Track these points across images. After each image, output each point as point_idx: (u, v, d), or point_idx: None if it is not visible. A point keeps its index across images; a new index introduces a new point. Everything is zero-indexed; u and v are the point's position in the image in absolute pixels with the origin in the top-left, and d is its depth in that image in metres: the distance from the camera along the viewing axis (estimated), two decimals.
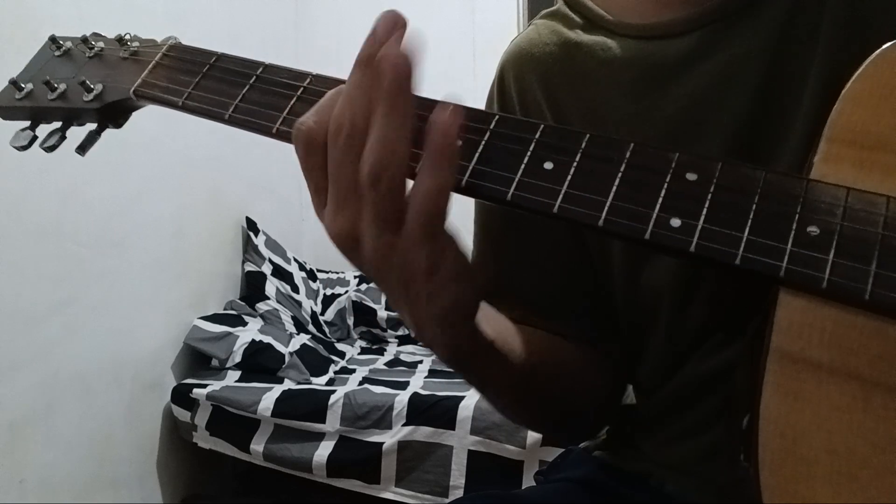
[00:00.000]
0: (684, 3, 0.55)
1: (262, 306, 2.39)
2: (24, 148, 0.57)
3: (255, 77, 0.49)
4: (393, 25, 0.39)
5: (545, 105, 0.60)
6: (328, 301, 2.77)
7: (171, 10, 2.11)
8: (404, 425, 1.89)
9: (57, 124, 0.58)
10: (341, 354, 2.46)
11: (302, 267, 2.74)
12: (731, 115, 0.53)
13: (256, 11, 2.59)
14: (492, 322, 0.49)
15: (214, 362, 2.18)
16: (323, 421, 1.94)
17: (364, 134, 0.38)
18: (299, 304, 2.54)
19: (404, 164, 0.38)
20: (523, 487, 1.46)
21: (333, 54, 2.42)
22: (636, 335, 0.61)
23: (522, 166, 0.39)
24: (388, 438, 1.89)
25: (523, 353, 0.53)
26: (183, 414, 2.05)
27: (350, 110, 0.39)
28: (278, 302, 2.44)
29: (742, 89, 0.52)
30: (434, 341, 0.44)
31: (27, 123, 0.58)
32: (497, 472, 1.82)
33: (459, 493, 1.82)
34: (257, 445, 1.96)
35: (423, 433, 1.88)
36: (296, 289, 2.58)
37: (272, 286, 2.47)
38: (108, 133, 0.58)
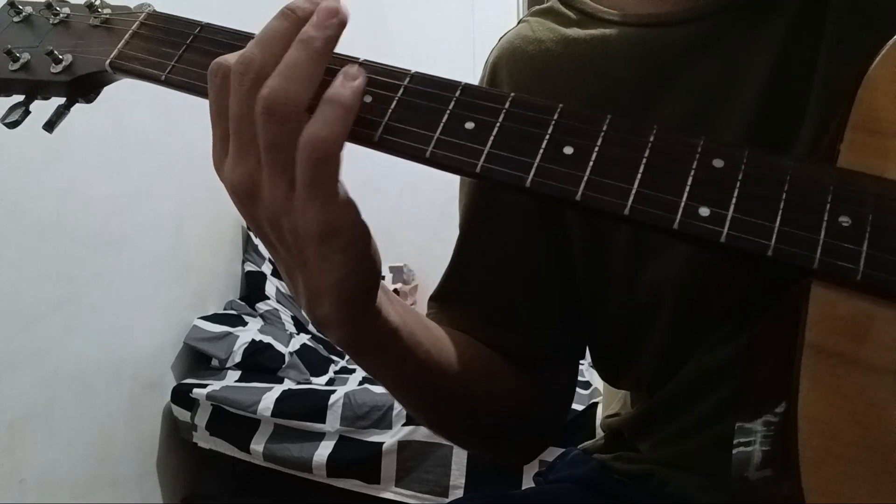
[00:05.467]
0: None
1: (262, 306, 2.39)
2: None
3: None
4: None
5: None
6: None
7: (170, 8, 2.09)
8: (404, 425, 1.88)
9: (19, 98, 0.53)
10: (341, 354, 2.45)
11: None
12: (742, 106, 0.51)
13: (255, 10, 2.58)
14: (401, 311, 0.46)
15: (214, 362, 2.17)
16: (323, 421, 1.93)
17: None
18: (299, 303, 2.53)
19: (301, 104, 0.36)
20: (523, 488, 1.45)
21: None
22: (634, 336, 0.58)
23: (541, 151, 0.37)
24: (388, 438, 1.88)
25: (440, 356, 0.50)
26: (183, 414, 2.04)
27: (262, 48, 0.38)
28: (278, 302, 2.43)
29: (751, 80, 0.51)
30: (327, 319, 0.41)
31: None
32: (497, 472, 1.81)
33: (459, 493, 1.81)
34: (257, 445, 1.95)
35: (423, 433, 1.87)
36: None
37: (272, 286, 2.46)
38: (107, 132, 0.55)
